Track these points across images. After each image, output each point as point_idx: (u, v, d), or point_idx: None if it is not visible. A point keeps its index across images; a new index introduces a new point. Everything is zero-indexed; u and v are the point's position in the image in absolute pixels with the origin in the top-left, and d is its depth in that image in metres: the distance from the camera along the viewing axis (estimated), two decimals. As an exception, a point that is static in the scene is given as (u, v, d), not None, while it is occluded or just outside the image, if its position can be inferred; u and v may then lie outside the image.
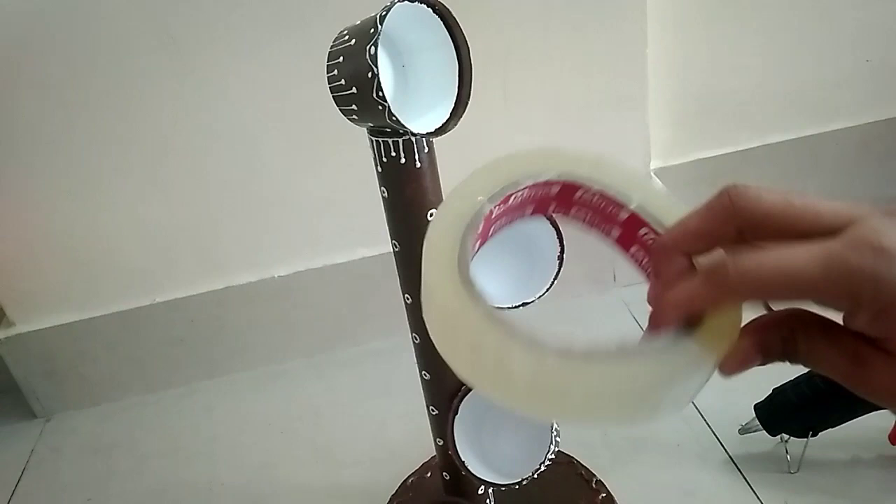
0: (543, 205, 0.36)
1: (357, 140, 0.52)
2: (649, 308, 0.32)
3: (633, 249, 0.36)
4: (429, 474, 0.77)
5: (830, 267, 0.25)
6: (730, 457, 0.76)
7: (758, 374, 0.41)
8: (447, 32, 0.46)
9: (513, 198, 0.34)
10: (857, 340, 0.27)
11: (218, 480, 0.86)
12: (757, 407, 0.73)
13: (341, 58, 0.44)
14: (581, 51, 0.89)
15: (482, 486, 0.65)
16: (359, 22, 0.45)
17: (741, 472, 0.74)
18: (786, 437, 0.72)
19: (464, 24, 0.46)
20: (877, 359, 0.26)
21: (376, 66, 0.41)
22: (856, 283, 0.24)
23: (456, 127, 0.47)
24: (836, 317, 0.27)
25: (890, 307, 0.24)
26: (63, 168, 0.86)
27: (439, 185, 0.51)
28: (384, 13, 0.41)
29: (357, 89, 0.44)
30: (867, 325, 0.26)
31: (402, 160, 0.47)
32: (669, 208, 0.34)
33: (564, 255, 0.53)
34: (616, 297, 1.00)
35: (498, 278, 0.56)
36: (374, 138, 0.48)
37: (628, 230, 0.35)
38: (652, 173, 0.99)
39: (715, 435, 0.79)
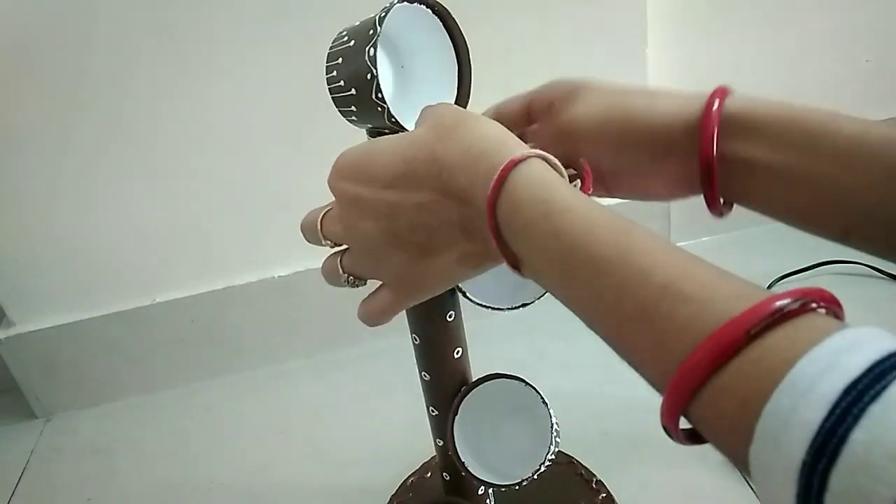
0: None
1: (357, 141, 0.52)
2: None
3: None
4: (429, 474, 0.77)
5: (542, 90, 0.46)
6: (730, 457, 0.76)
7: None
8: (446, 33, 0.46)
9: None
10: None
11: (218, 480, 0.86)
12: (757, 407, 0.72)
13: (340, 59, 0.44)
14: (581, 51, 0.89)
15: (482, 487, 0.65)
16: (358, 23, 0.45)
17: (741, 472, 0.74)
18: (786, 437, 0.72)
19: (463, 25, 0.46)
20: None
21: (375, 68, 0.41)
22: (553, 94, 0.44)
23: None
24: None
25: (577, 95, 0.43)
26: (63, 168, 0.86)
27: (439, 185, 0.51)
28: (383, 14, 0.41)
29: (356, 90, 0.43)
30: (563, 113, 0.43)
31: (402, 161, 0.47)
32: None
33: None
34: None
35: (497, 279, 0.56)
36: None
37: None
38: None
39: (715, 435, 0.78)
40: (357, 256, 0.42)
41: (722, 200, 0.40)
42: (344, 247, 0.42)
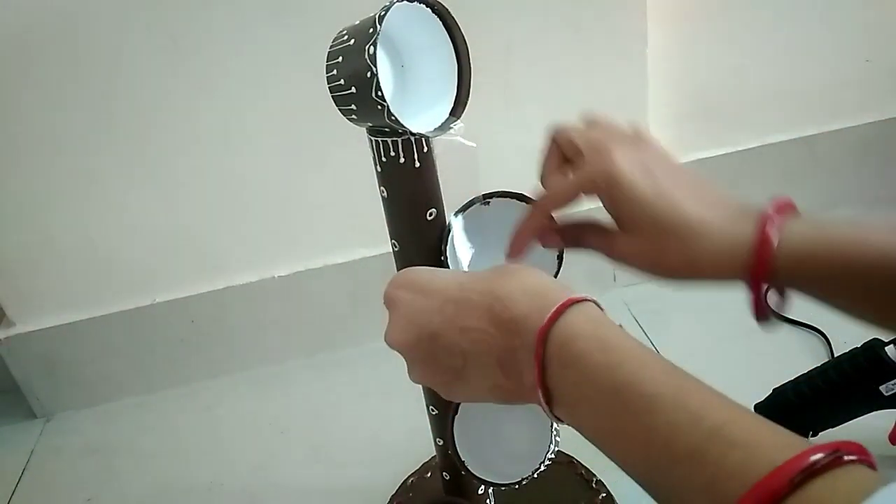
0: None
1: (356, 140, 0.52)
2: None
3: None
4: (429, 474, 0.77)
5: (582, 182, 0.42)
6: (730, 457, 0.76)
7: (758, 374, 0.41)
8: (446, 32, 0.46)
9: None
10: (608, 230, 0.44)
11: (218, 480, 0.86)
12: (757, 407, 0.72)
13: (340, 58, 0.44)
14: (581, 50, 0.89)
15: (482, 486, 0.65)
16: (358, 22, 0.45)
17: None
18: (786, 437, 0.72)
19: (463, 24, 0.46)
20: (617, 235, 0.43)
21: (375, 66, 0.41)
22: (595, 186, 0.42)
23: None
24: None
25: (615, 199, 0.41)
26: (63, 168, 0.86)
27: (438, 184, 0.51)
28: (383, 13, 0.41)
29: (356, 89, 0.43)
30: (609, 209, 0.42)
31: (402, 160, 0.47)
32: None
33: (564, 255, 0.53)
34: (616, 297, 1.00)
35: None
36: (373, 138, 0.48)
37: None
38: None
39: (715, 435, 0.78)
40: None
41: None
42: None
